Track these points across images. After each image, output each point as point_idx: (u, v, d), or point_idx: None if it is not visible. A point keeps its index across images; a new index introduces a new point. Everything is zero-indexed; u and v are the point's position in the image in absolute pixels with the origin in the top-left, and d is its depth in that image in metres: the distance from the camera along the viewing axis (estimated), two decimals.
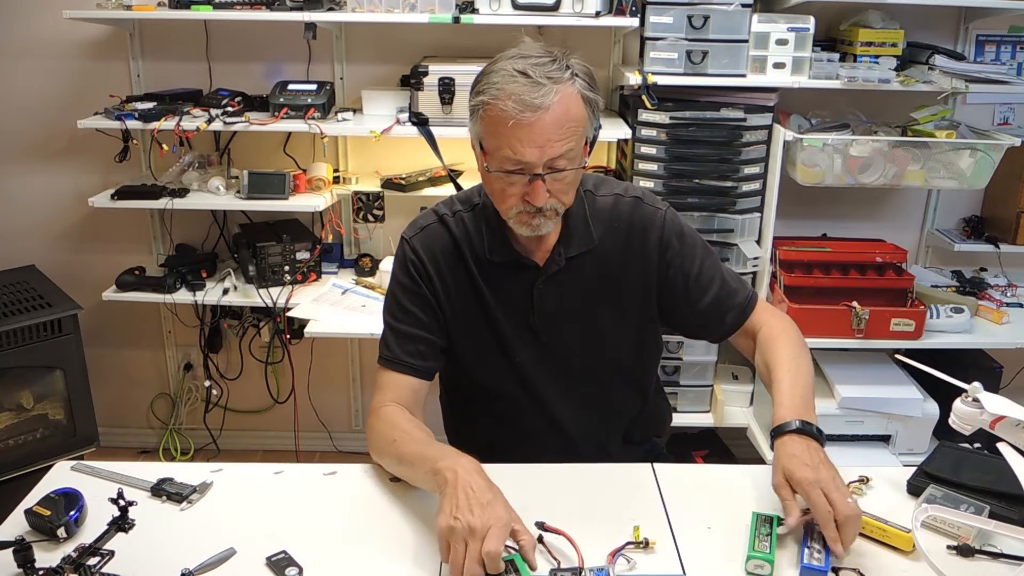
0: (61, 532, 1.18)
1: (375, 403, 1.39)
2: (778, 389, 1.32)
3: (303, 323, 2.46)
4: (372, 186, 2.71)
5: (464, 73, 2.41)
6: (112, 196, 2.55)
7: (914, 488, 1.33)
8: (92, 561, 1.14)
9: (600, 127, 1.40)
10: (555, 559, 1.15)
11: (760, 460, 2.49)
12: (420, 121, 2.44)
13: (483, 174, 1.34)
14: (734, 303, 1.46)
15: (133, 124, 2.45)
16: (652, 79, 2.30)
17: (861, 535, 1.21)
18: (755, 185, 2.47)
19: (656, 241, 1.42)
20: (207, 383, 3.00)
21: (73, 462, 1.39)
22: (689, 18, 2.30)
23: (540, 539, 1.18)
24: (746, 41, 2.32)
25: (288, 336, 2.83)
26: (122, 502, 1.22)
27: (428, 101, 2.43)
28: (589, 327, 1.45)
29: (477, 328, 1.44)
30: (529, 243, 1.41)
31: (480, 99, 1.26)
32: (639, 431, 1.58)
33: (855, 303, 2.35)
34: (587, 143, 1.32)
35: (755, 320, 1.46)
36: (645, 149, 2.44)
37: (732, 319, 1.46)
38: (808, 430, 1.23)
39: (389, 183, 2.62)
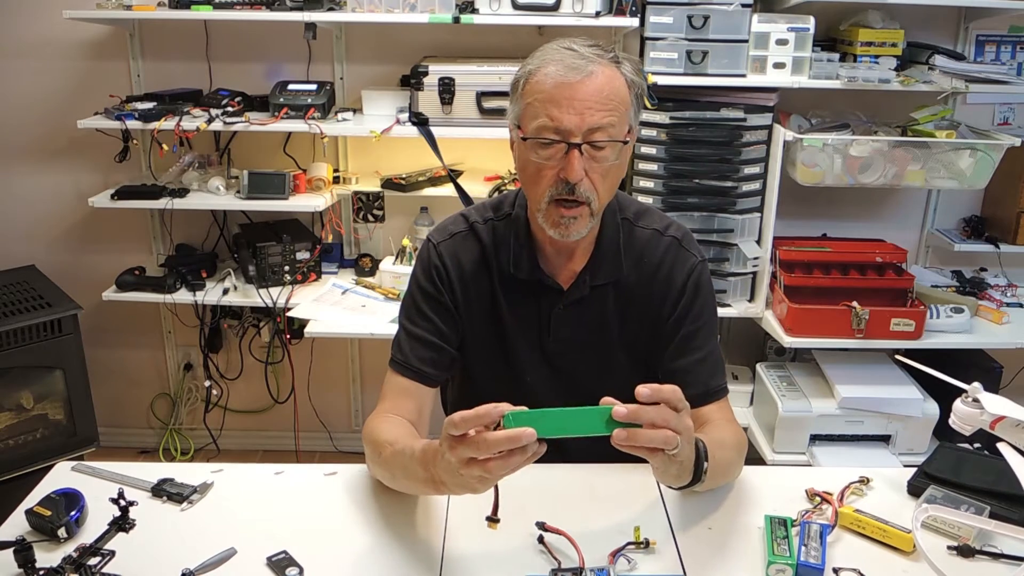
0: (62, 532, 1.18)
1: (372, 414, 1.37)
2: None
3: (303, 323, 2.46)
4: (372, 186, 2.71)
5: (464, 73, 2.41)
6: (112, 196, 2.55)
7: (914, 488, 1.33)
8: (93, 561, 1.14)
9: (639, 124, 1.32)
10: (556, 559, 1.15)
11: (760, 460, 2.49)
12: (420, 121, 2.44)
13: (518, 159, 1.28)
14: (705, 383, 1.36)
15: (133, 124, 2.45)
16: (652, 79, 2.31)
17: (862, 535, 1.21)
18: (755, 185, 2.47)
19: (680, 284, 1.37)
20: (207, 383, 3.00)
21: (73, 462, 1.39)
22: (689, 18, 2.30)
23: (541, 539, 1.18)
24: (746, 41, 2.32)
25: (288, 336, 2.83)
26: (123, 502, 1.22)
27: (428, 101, 2.43)
28: (602, 357, 1.41)
29: (490, 343, 1.41)
30: (556, 262, 1.37)
31: (525, 70, 1.24)
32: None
33: (855, 303, 2.35)
34: (629, 131, 1.25)
35: (712, 413, 1.35)
36: (645, 149, 2.44)
37: (693, 394, 1.30)
38: (699, 448, 1.14)
39: (389, 183, 2.62)
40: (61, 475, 1.35)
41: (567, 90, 1.19)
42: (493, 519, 1.07)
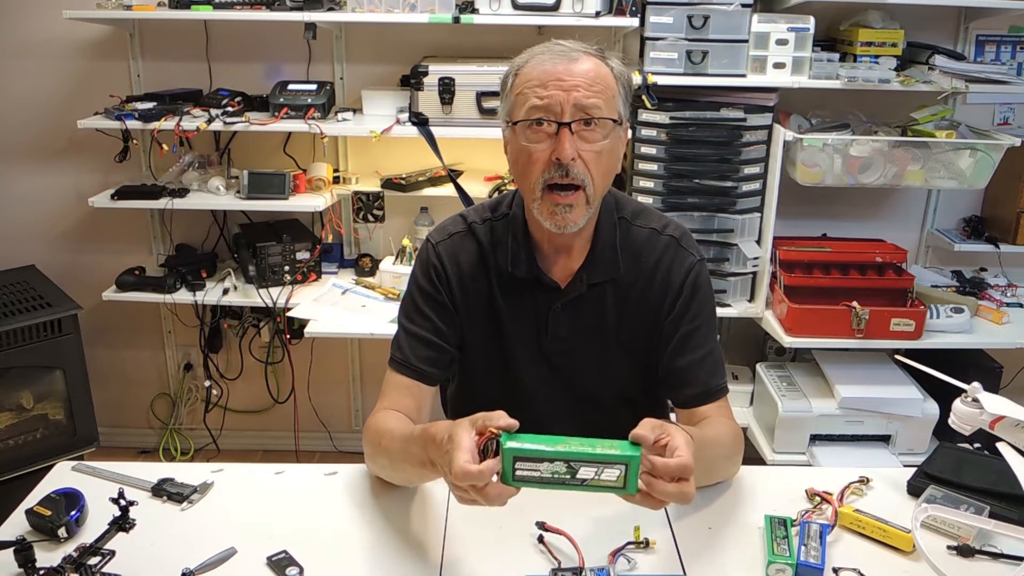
0: (62, 532, 1.18)
1: (372, 412, 1.37)
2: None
3: (303, 323, 2.46)
4: (372, 186, 2.71)
5: (464, 73, 2.41)
6: (112, 196, 2.55)
7: (914, 488, 1.33)
8: (93, 561, 1.14)
9: (629, 119, 1.32)
10: (556, 559, 1.15)
11: (760, 460, 2.49)
12: (420, 121, 2.44)
13: (511, 152, 1.29)
14: (706, 383, 1.36)
15: (133, 124, 2.45)
16: (652, 79, 2.31)
17: (862, 535, 1.21)
18: (755, 185, 2.47)
19: (678, 283, 1.37)
20: (207, 383, 3.00)
21: (74, 462, 1.39)
22: (689, 18, 2.30)
23: (541, 539, 1.19)
24: (746, 41, 2.32)
25: (288, 336, 2.83)
26: (123, 502, 1.22)
27: (428, 101, 2.43)
28: (600, 356, 1.41)
29: (488, 342, 1.41)
30: (554, 261, 1.37)
31: (513, 67, 1.28)
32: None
33: (855, 303, 2.35)
34: (620, 122, 1.25)
35: (711, 412, 1.36)
36: (645, 149, 2.44)
37: (693, 394, 1.37)
38: None
39: (389, 183, 2.62)
40: (61, 475, 1.36)
41: (554, 73, 1.22)
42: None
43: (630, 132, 2.40)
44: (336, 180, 2.69)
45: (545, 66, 1.22)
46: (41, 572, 1.11)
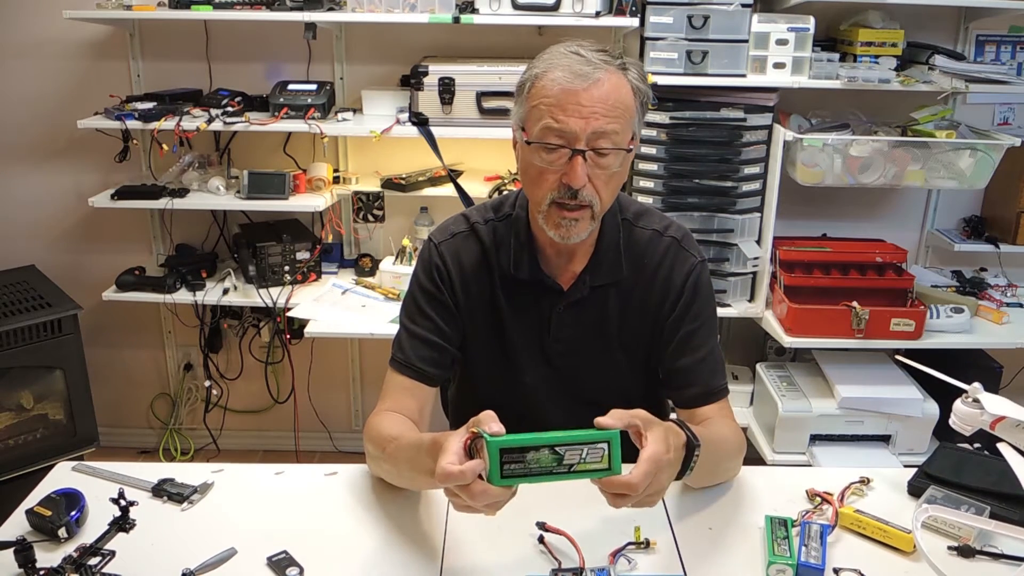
0: (62, 532, 1.18)
1: (373, 413, 1.37)
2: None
3: (303, 323, 2.46)
4: (372, 186, 2.71)
5: (464, 73, 2.41)
6: (112, 196, 2.55)
7: (915, 489, 1.33)
8: (93, 561, 1.14)
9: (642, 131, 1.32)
10: (556, 559, 1.15)
11: (760, 460, 2.49)
12: (420, 121, 2.44)
13: (521, 161, 1.29)
14: (706, 383, 1.37)
15: (133, 124, 2.45)
16: (652, 79, 2.30)
17: (862, 535, 1.21)
18: (755, 185, 2.47)
19: (679, 284, 1.37)
20: (207, 383, 3.00)
21: (74, 462, 1.39)
22: (689, 18, 2.30)
23: (541, 539, 1.19)
24: (746, 41, 2.32)
25: (288, 336, 2.83)
26: (123, 502, 1.22)
27: (428, 101, 2.43)
28: (602, 358, 1.41)
29: (490, 343, 1.41)
30: (557, 263, 1.37)
31: (531, 73, 1.24)
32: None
33: (855, 303, 2.35)
34: (632, 139, 1.26)
35: (712, 412, 1.36)
36: (645, 149, 2.44)
37: (694, 394, 1.37)
38: (691, 444, 1.14)
39: (389, 183, 2.62)
40: (61, 475, 1.36)
41: (573, 96, 1.19)
42: None
43: None
44: (336, 180, 2.69)
45: (564, 84, 1.19)
46: (41, 572, 1.11)
